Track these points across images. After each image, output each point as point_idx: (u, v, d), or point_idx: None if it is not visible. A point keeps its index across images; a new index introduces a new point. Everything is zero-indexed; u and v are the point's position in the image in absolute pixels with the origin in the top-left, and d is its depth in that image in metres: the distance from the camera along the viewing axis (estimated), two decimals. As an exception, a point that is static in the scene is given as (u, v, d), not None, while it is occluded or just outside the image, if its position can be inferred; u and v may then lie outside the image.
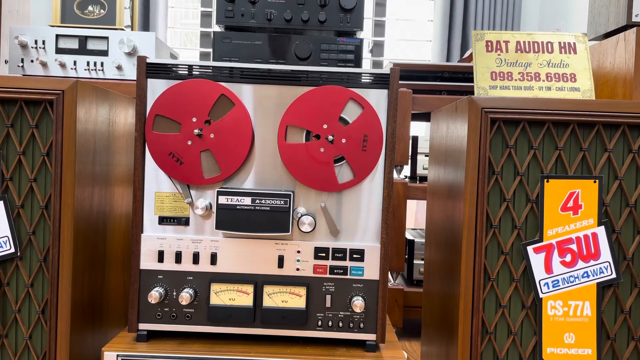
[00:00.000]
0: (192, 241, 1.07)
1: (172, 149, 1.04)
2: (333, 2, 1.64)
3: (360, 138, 1.05)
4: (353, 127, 1.05)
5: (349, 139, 1.05)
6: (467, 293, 1.02)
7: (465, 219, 1.02)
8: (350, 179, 1.05)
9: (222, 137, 1.04)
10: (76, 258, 1.05)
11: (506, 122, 1.03)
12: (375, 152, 1.05)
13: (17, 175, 1.04)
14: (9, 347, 1.05)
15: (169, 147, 1.04)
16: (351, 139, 1.05)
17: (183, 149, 1.04)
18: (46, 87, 1.02)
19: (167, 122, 1.05)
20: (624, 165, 1.03)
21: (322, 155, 1.05)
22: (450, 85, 1.93)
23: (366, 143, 1.05)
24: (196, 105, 1.04)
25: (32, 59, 1.82)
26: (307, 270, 1.07)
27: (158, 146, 1.05)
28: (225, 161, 1.05)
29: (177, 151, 1.04)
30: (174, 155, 1.04)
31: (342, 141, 1.05)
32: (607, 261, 1.03)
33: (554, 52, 1.31)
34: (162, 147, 1.04)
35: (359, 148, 1.05)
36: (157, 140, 1.05)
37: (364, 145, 1.05)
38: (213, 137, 1.04)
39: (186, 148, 1.04)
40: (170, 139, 1.05)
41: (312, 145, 1.05)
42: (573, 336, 1.03)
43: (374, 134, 1.05)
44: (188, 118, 1.04)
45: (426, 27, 3.65)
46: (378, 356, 1.05)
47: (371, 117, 1.05)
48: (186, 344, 1.05)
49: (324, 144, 1.05)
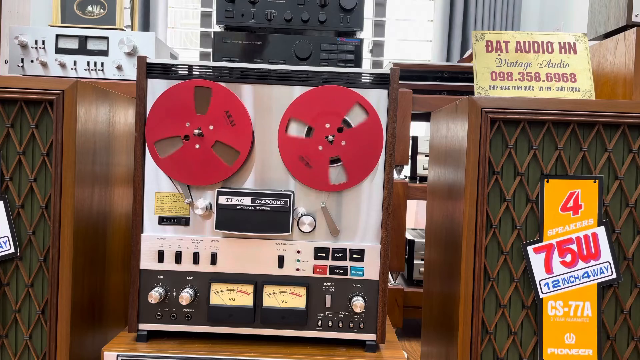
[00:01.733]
0: (192, 241, 1.07)
1: (172, 122, 1.04)
2: (333, 2, 1.64)
3: (360, 143, 1.05)
4: (355, 131, 1.05)
5: (349, 142, 1.05)
6: (467, 293, 1.02)
7: (465, 219, 1.02)
8: (344, 182, 1.05)
9: (219, 122, 1.04)
10: (76, 258, 1.05)
11: (506, 122, 1.03)
12: (372, 159, 1.05)
13: (17, 175, 1.04)
14: (9, 347, 1.05)
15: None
16: (351, 143, 1.05)
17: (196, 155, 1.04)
18: (46, 87, 1.02)
19: (169, 141, 1.05)
20: (624, 165, 1.03)
21: (319, 154, 1.05)
22: (450, 85, 1.93)
23: (365, 150, 1.05)
24: (180, 110, 1.04)
25: (32, 59, 1.82)
26: (307, 270, 1.07)
27: (168, 107, 1.04)
28: (237, 141, 1.04)
29: (193, 160, 1.04)
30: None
31: (342, 143, 1.05)
32: (607, 261, 1.03)
33: (554, 52, 1.31)
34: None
35: (357, 153, 1.05)
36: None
37: (363, 151, 1.05)
38: (213, 129, 1.04)
39: (198, 152, 1.04)
40: (181, 154, 1.05)
41: (311, 142, 1.05)
42: (574, 336, 1.03)
43: (375, 142, 1.05)
44: (182, 126, 1.04)
45: (426, 27, 3.65)
46: (378, 356, 1.05)
47: (374, 124, 1.05)
48: (186, 344, 1.05)
49: (323, 143, 1.05)
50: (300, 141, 1.05)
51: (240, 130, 1.04)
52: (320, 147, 1.05)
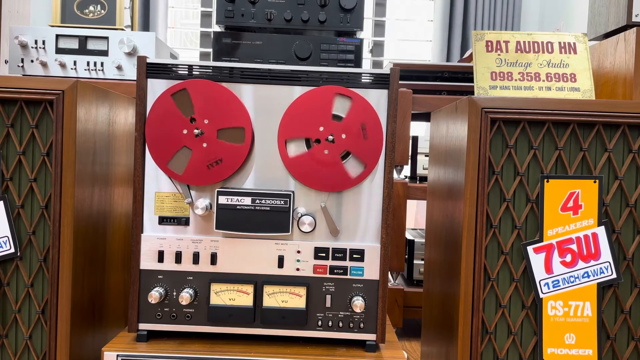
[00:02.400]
0: (192, 241, 1.07)
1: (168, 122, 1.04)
2: (333, 2, 1.64)
3: (358, 128, 1.05)
4: (347, 120, 1.05)
5: (348, 132, 1.05)
6: (467, 293, 1.02)
7: (465, 219, 1.02)
8: (362, 170, 1.05)
9: (209, 154, 1.04)
10: (76, 258, 1.05)
11: (506, 122, 1.03)
12: (376, 138, 1.05)
13: (17, 175, 1.04)
14: (9, 347, 1.05)
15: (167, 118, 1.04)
16: (350, 132, 1.05)
17: (176, 130, 1.04)
18: (46, 87, 1.02)
19: (187, 102, 1.04)
20: (624, 165, 1.03)
21: (328, 157, 1.05)
22: (450, 85, 1.93)
23: (365, 131, 1.05)
24: (220, 115, 1.04)
25: (32, 59, 1.82)
26: (307, 270, 1.07)
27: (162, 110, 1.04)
28: (191, 171, 1.05)
29: (169, 127, 1.04)
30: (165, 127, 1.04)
31: (342, 137, 1.05)
32: (607, 261, 1.03)
33: (554, 52, 1.31)
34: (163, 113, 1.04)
35: (360, 138, 1.05)
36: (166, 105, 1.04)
37: (363, 134, 1.05)
38: (204, 147, 1.04)
39: (178, 133, 1.04)
40: (175, 115, 1.04)
41: (316, 151, 1.05)
42: (574, 336, 1.03)
43: (370, 121, 1.05)
44: (203, 115, 1.04)
45: (426, 27, 3.65)
46: (378, 356, 1.05)
47: (362, 105, 1.05)
48: (186, 344, 1.05)
49: (326, 146, 1.05)
50: (305, 156, 1.05)
51: (373, 145, 1.05)
52: (326, 152, 1.05)
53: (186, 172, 1.05)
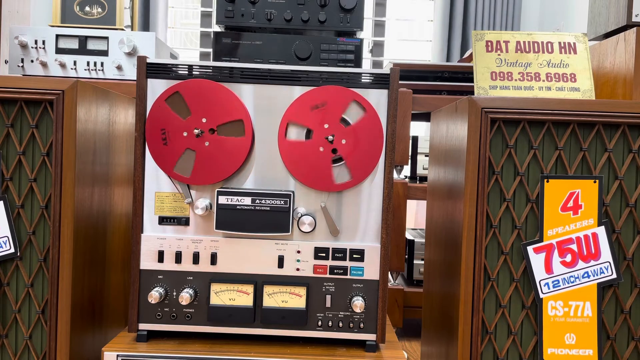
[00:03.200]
0: (192, 241, 1.07)
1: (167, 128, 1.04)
2: (333, 2, 1.64)
3: (360, 141, 1.05)
4: (354, 129, 1.05)
5: (349, 140, 1.05)
6: (467, 293, 1.02)
7: (465, 219, 1.02)
8: (348, 180, 1.05)
9: (213, 151, 1.04)
10: (76, 258, 1.05)
11: (506, 122, 1.03)
12: (374, 156, 1.05)
13: (17, 175, 1.04)
14: (9, 347, 1.05)
15: (166, 124, 1.04)
16: (351, 141, 1.05)
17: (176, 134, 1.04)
18: (46, 87, 1.02)
19: (181, 104, 1.05)
20: (624, 165, 1.03)
21: (320, 155, 1.05)
22: (450, 85, 1.93)
23: (366, 147, 1.05)
24: (216, 110, 1.04)
25: (32, 59, 1.82)
26: (307, 270, 1.07)
27: (158, 117, 1.04)
28: (200, 171, 1.05)
29: (169, 132, 1.04)
30: (165, 133, 1.04)
31: (342, 142, 1.05)
32: (607, 261, 1.03)
33: (554, 52, 1.31)
34: (160, 120, 1.04)
35: (358, 150, 1.05)
36: (161, 112, 1.04)
37: (363, 148, 1.05)
38: (207, 146, 1.04)
39: (179, 136, 1.04)
40: (172, 119, 1.04)
41: (312, 144, 1.05)
42: (574, 336, 1.03)
43: (375, 138, 1.05)
44: (200, 114, 1.04)
45: (426, 27, 3.64)
46: (378, 356, 1.05)
47: (373, 120, 1.05)
48: (186, 344, 1.05)
49: (323, 144, 1.05)
50: (300, 144, 1.05)
51: (241, 142, 1.05)
52: (322, 149, 1.05)
53: (194, 174, 1.05)
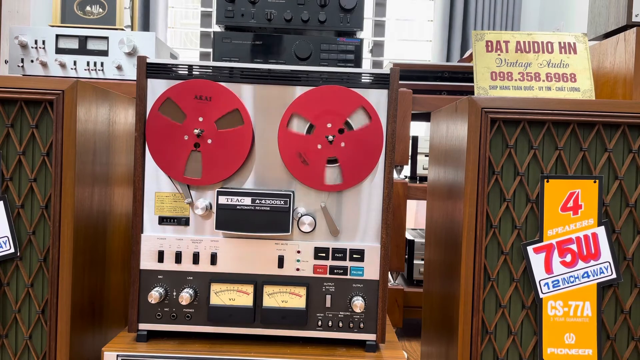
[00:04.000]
0: (192, 241, 1.07)
1: (168, 136, 1.04)
2: (333, 2, 1.64)
3: (359, 147, 1.05)
4: (356, 134, 1.05)
5: (348, 144, 1.05)
6: (467, 293, 1.02)
7: (465, 219, 1.02)
8: (338, 183, 1.05)
9: (217, 147, 1.04)
10: (76, 258, 1.05)
11: (506, 122, 1.03)
12: (370, 164, 1.05)
13: (17, 175, 1.04)
14: (9, 347, 1.05)
15: (165, 133, 1.04)
16: (350, 145, 1.05)
17: (178, 140, 1.04)
18: (46, 87, 1.02)
19: (175, 109, 1.04)
20: (624, 165, 1.03)
21: (317, 152, 1.05)
22: (450, 85, 1.93)
23: (364, 154, 1.05)
24: (209, 107, 1.04)
25: (32, 59, 1.82)
26: (307, 270, 1.07)
27: (156, 128, 1.04)
28: (209, 170, 1.05)
29: (171, 140, 1.04)
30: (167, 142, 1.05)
31: (341, 145, 1.05)
32: (607, 261, 1.03)
33: (554, 52, 1.31)
34: (159, 131, 1.04)
35: (355, 156, 1.05)
36: (158, 122, 1.04)
37: (361, 155, 1.05)
38: (210, 143, 1.04)
39: (181, 141, 1.04)
40: (170, 126, 1.05)
41: (311, 139, 1.05)
42: (574, 336, 1.03)
43: (374, 147, 1.05)
44: (196, 115, 1.04)
45: (426, 27, 3.64)
46: (378, 356, 1.05)
47: (376, 130, 1.05)
48: (186, 344, 1.05)
49: (322, 142, 1.05)
50: (300, 137, 1.05)
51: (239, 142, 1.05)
52: (319, 146, 1.05)
53: (205, 173, 1.05)
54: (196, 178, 1.05)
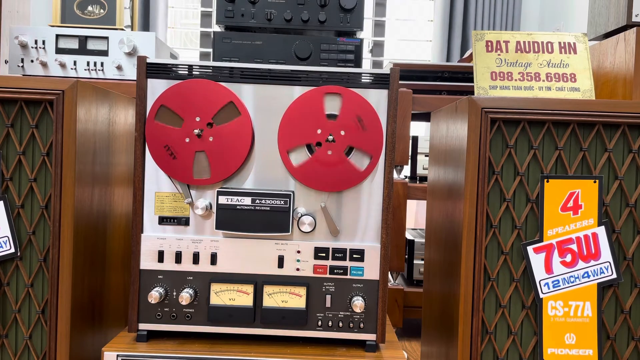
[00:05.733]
0: (192, 241, 1.07)
1: (169, 143, 1.04)
2: (333, 2, 1.64)
3: (354, 121, 1.04)
4: (342, 116, 1.04)
5: (345, 128, 1.05)
6: (467, 293, 1.02)
7: (465, 219, 1.02)
8: (369, 161, 1.05)
9: (220, 142, 1.04)
10: (76, 258, 1.05)
11: (506, 122, 1.03)
12: (375, 127, 1.05)
13: (17, 175, 1.04)
14: (9, 347, 1.05)
15: (166, 140, 1.04)
16: (347, 127, 1.05)
17: (180, 144, 1.04)
18: (46, 87, 1.02)
19: (171, 114, 1.05)
20: (624, 165, 1.03)
21: (333, 157, 1.05)
22: (450, 85, 1.93)
23: (362, 122, 1.04)
24: (204, 105, 1.04)
25: (32, 59, 1.82)
26: (307, 270, 1.07)
27: (156, 136, 1.04)
28: (217, 167, 1.05)
29: (173, 145, 1.04)
30: (169, 148, 1.04)
31: (342, 134, 1.05)
32: (607, 261, 1.03)
33: (554, 52, 1.31)
34: (159, 139, 1.04)
35: (359, 131, 1.04)
36: (157, 131, 1.04)
37: (361, 125, 1.04)
38: (212, 141, 1.04)
39: (183, 145, 1.04)
40: (170, 132, 1.04)
41: (320, 154, 1.05)
42: (574, 336, 1.03)
43: (364, 111, 1.05)
44: (192, 115, 1.04)
45: (426, 27, 3.65)
46: (378, 356, 1.05)
47: (352, 98, 1.04)
48: (186, 344, 1.05)
49: (328, 147, 1.05)
50: (311, 162, 1.05)
51: (240, 139, 1.04)
52: (330, 152, 1.05)
53: (213, 171, 1.05)
54: (205, 178, 1.05)
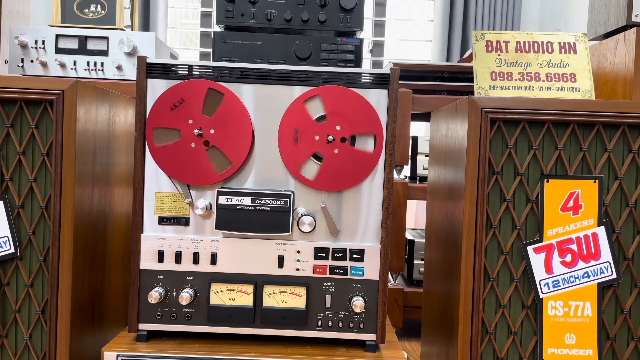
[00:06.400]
0: (192, 241, 1.07)
1: (174, 151, 1.04)
2: (333, 2, 1.64)
3: (343, 110, 1.04)
4: (329, 112, 1.04)
5: (341, 122, 1.04)
6: (467, 293, 1.02)
7: (465, 219, 1.02)
8: (372, 142, 1.05)
9: (222, 129, 1.04)
10: (76, 258, 1.05)
11: (506, 122, 1.03)
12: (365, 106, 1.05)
13: (17, 175, 1.04)
14: (9, 347, 1.05)
15: (173, 150, 1.04)
16: (342, 120, 1.04)
17: (189, 152, 1.04)
18: (46, 87, 1.02)
19: (166, 132, 1.05)
20: (624, 165, 1.03)
21: (341, 154, 1.04)
22: (450, 85, 1.93)
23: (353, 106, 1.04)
24: (188, 107, 1.04)
25: (32, 59, 1.82)
26: (307, 270, 1.07)
27: (166, 158, 1.05)
28: (232, 152, 1.04)
29: (184, 156, 1.04)
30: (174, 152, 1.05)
31: (337, 128, 1.04)
32: (607, 261, 1.03)
33: (554, 52, 1.31)
34: (169, 157, 1.05)
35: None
36: (161, 151, 1.04)
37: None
38: (214, 133, 1.04)
39: (192, 151, 1.04)
40: (173, 147, 1.04)
41: (328, 159, 1.04)
42: (574, 337, 1.03)
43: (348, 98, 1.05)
44: (184, 122, 1.04)
45: (426, 27, 3.64)
46: (378, 356, 1.05)
47: (330, 92, 1.04)
48: (186, 344, 1.05)
49: (334, 146, 1.05)
50: (325, 168, 1.05)
51: (237, 117, 1.04)
52: (336, 150, 1.05)
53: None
54: (226, 169, 1.05)
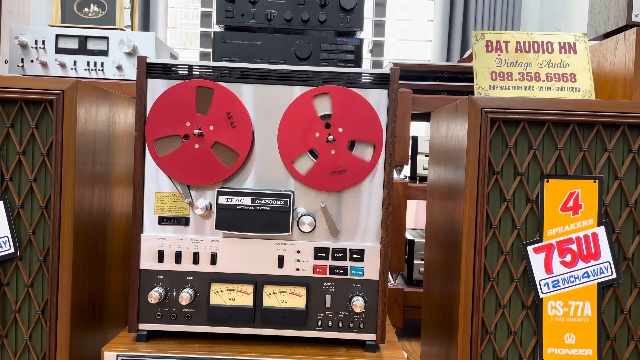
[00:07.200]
0: (192, 241, 1.07)
1: (186, 160, 1.04)
2: (333, 2, 1.64)
3: (349, 115, 1.04)
4: (335, 113, 1.04)
5: (343, 125, 1.04)
6: (467, 293, 1.02)
7: (465, 219, 1.02)
8: (372, 150, 1.05)
9: (220, 123, 1.04)
10: (76, 258, 1.05)
11: (506, 122, 1.03)
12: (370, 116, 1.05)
13: (17, 175, 1.04)
14: (9, 347, 1.05)
15: (177, 155, 1.04)
16: (344, 123, 1.04)
17: (195, 154, 1.04)
18: (46, 87, 1.02)
19: (168, 140, 1.05)
20: (624, 165, 1.03)
21: (338, 156, 1.04)
22: (450, 85, 1.93)
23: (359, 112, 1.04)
24: (182, 110, 1.04)
25: (32, 59, 1.82)
26: (307, 270, 1.07)
27: (174, 165, 1.05)
28: (235, 142, 1.04)
29: (191, 160, 1.04)
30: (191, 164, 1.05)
31: (339, 130, 1.04)
32: (607, 261, 1.03)
33: (554, 52, 1.31)
34: (177, 164, 1.05)
35: (357, 123, 1.04)
36: (169, 160, 1.05)
37: (360, 118, 1.04)
38: (213, 129, 1.04)
39: (197, 152, 1.04)
40: (177, 153, 1.04)
41: (324, 158, 1.05)
42: (574, 336, 1.03)
43: (356, 103, 1.05)
44: (182, 126, 1.04)
45: (426, 27, 3.64)
46: (378, 356, 1.05)
47: (340, 93, 1.04)
48: (186, 344, 1.05)
49: (331, 147, 1.05)
50: (318, 166, 1.05)
51: (240, 132, 1.04)
52: (333, 151, 1.05)
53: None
54: (235, 161, 1.04)
